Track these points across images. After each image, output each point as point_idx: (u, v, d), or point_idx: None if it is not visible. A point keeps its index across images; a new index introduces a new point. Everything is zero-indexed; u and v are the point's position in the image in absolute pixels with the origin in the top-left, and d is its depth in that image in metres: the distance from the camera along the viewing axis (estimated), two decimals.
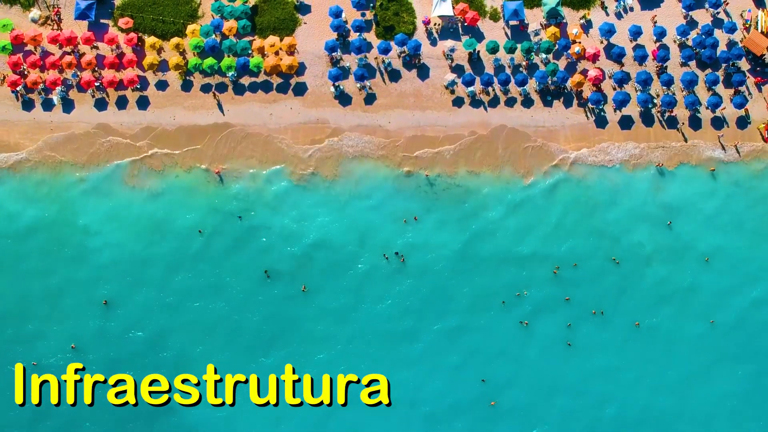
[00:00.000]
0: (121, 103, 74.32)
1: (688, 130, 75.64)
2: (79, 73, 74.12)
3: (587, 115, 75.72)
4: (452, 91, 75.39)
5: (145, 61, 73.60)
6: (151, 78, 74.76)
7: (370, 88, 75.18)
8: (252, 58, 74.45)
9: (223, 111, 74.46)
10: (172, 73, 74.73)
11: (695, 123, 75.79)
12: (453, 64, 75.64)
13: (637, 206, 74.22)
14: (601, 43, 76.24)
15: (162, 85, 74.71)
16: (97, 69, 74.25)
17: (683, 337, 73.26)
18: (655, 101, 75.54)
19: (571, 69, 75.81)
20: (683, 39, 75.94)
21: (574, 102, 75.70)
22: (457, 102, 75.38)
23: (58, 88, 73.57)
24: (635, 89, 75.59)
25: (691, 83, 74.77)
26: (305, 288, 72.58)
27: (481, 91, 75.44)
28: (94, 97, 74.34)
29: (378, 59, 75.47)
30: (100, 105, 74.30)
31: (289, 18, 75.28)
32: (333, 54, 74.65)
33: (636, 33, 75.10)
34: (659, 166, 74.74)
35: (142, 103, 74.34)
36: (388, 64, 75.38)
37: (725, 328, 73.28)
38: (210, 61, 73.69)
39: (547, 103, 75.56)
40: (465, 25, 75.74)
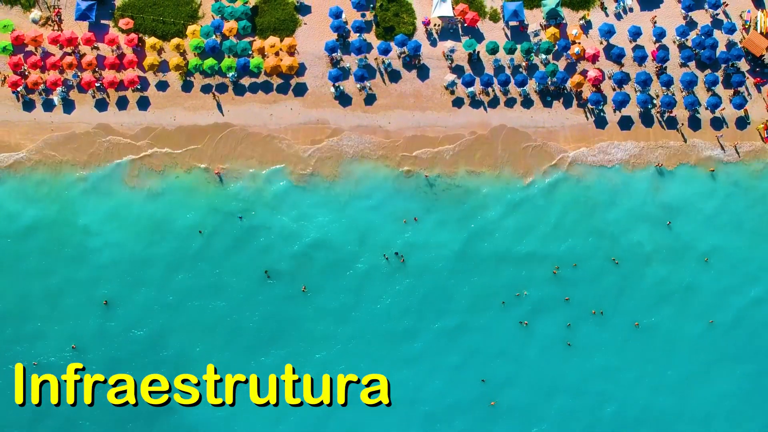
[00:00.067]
0: (122, 104, 74.42)
1: (688, 131, 75.74)
2: (79, 74, 74.22)
3: (587, 116, 75.80)
4: (452, 92, 75.46)
5: (146, 62, 73.71)
6: (152, 78, 74.85)
7: (370, 89, 75.28)
8: (252, 58, 74.55)
9: (223, 111, 74.56)
10: (173, 74, 74.84)
11: (695, 123, 75.88)
12: (453, 65, 75.72)
13: (637, 206, 74.29)
14: (601, 43, 76.31)
15: (162, 86, 74.82)
16: (97, 69, 74.35)
17: (682, 337, 73.40)
18: (655, 102, 75.62)
19: (570, 69, 75.88)
20: (683, 40, 76.05)
21: (574, 102, 75.76)
22: (457, 102, 75.46)
23: (59, 89, 73.67)
24: (635, 90, 75.67)
25: (690, 84, 74.85)
26: (305, 288, 72.70)
27: (481, 92, 75.53)
28: (94, 97, 74.43)
29: (378, 60, 75.57)
30: (101, 105, 74.41)
31: (289, 19, 75.40)
32: (333, 55, 74.76)
33: (635, 34, 75.16)
34: (659, 167, 74.82)
35: (143, 104, 74.45)
36: (388, 65, 75.48)
37: (724, 328, 73.43)
38: (210, 62, 73.80)
39: (547, 104, 75.63)
40: (465, 25, 75.83)
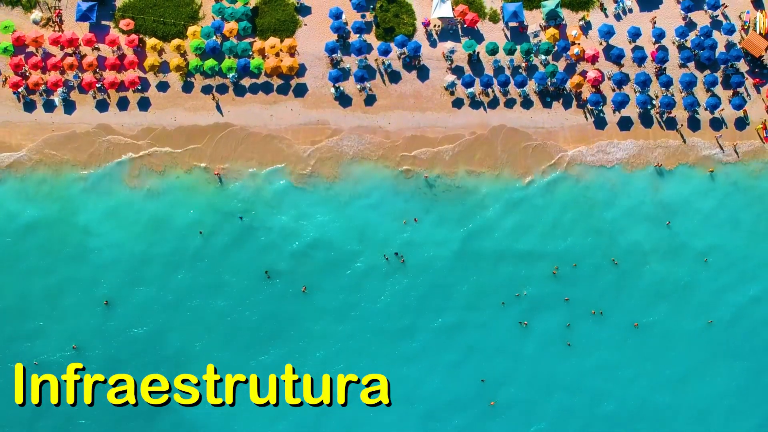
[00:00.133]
0: (122, 105, 74.55)
1: (687, 131, 75.80)
2: (80, 75, 74.35)
3: (586, 116, 75.89)
4: (452, 93, 75.58)
5: (146, 63, 73.86)
6: (152, 79, 74.96)
7: (370, 90, 75.40)
8: (252, 59, 74.67)
9: (223, 112, 74.63)
10: (173, 75, 74.98)
11: (694, 124, 75.96)
12: (453, 66, 75.83)
13: (636, 206, 74.33)
14: (600, 44, 76.42)
15: (163, 87, 74.96)
16: (98, 70, 74.48)
17: (680, 335, 73.43)
18: (654, 102, 75.71)
19: (570, 70, 75.98)
20: (682, 40, 76.16)
21: (574, 103, 75.86)
22: (457, 103, 75.57)
23: (60, 90, 73.80)
24: (634, 90, 75.78)
25: (689, 84, 74.96)
26: (305, 289, 72.79)
27: (481, 93, 75.65)
28: (95, 98, 74.56)
29: (378, 61, 75.71)
30: (102, 106, 74.54)
31: (289, 19, 75.54)
32: (333, 55, 74.88)
33: (635, 34, 75.23)
34: (658, 167, 74.89)
35: (143, 105, 74.57)
36: (388, 66, 75.61)
37: (722, 326, 73.47)
38: (211, 63, 73.94)
39: (547, 105, 75.73)
40: (464, 26, 75.95)
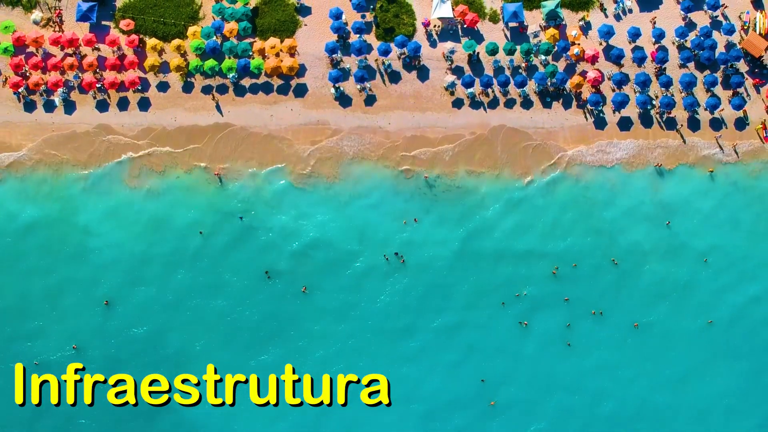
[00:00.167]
0: (123, 105, 74.60)
1: (687, 131, 75.84)
2: (80, 75, 74.41)
3: (586, 117, 75.93)
4: (452, 93, 75.63)
5: (147, 63, 73.91)
6: (152, 79, 75.00)
7: (370, 90, 75.45)
8: (253, 59, 74.72)
9: (223, 112, 74.68)
10: (173, 75, 75.03)
11: (694, 124, 76.00)
12: (453, 66, 75.86)
13: (636, 206, 74.31)
14: (600, 44, 76.45)
15: (163, 87, 75.01)
16: (98, 70, 74.53)
17: (680, 335, 73.45)
18: (654, 102, 75.75)
19: (570, 70, 76.01)
20: (682, 41, 76.20)
21: (573, 103, 75.88)
22: (457, 103, 75.61)
23: (60, 90, 73.86)
24: (634, 91, 75.82)
25: (689, 85, 74.99)
26: (305, 289, 72.81)
27: (481, 93, 75.70)
28: (95, 98, 74.62)
29: (378, 61, 75.77)
30: (102, 106, 74.60)
31: (289, 20, 75.60)
32: (333, 55, 74.92)
33: (635, 35, 75.25)
34: (658, 167, 74.96)
35: (144, 105, 74.63)
36: (388, 66, 75.66)
37: (722, 326, 73.49)
38: (211, 63, 74.00)
39: (547, 105, 75.77)
40: (464, 26, 75.99)
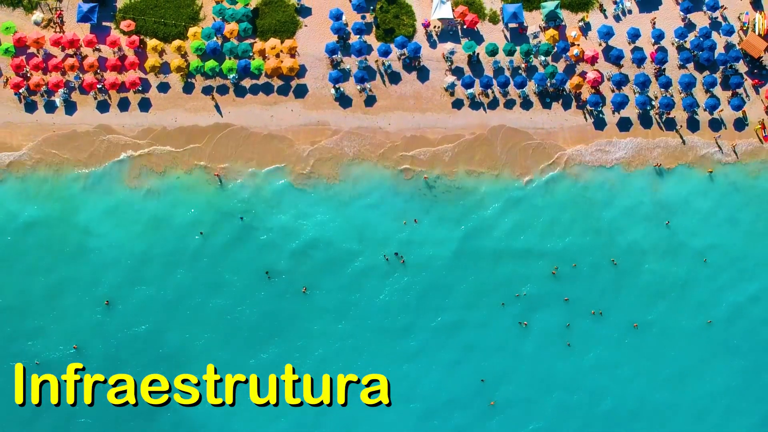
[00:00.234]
0: (123, 105, 74.76)
1: (686, 132, 75.99)
2: (81, 76, 74.58)
3: (586, 117, 76.05)
4: (452, 93, 75.76)
5: (147, 64, 74.07)
6: (153, 80, 75.16)
7: (371, 90, 75.60)
8: (253, 60, 74.88)
9: (224, 113, 74.80)
10: (174, 76, 75.18)
11: (693, 124, 76.13)
12: (452, 67, 76.03)
13: (635, 206, 74.46)
14: (600, 45, 76.60)
15: (164, 88, 75.17)
16: (99, 71, 74.70)
17: (679, 334, 73.52)
18: (654, 103, 75.88)
19: (569, 71, 76.17)
20: (681, 41, 76.35)
21: (573, 104, 76.02)
22: (457, 104, 75.75)
23: (61, 90, 74.04)
24: (633, 91, 75.96)
25: (689, 85, 75.12)
26: (306, 290, 72.87)
27: (481, 93, 75.85)
28: (96, 99, 74.77)
29: (378, 62, 75.94)
30: (102, 107, 74.75)
31: (289, 20, 75.77)
32: (333, 56, 75.06)
33: (634, 35, 75.43)
34: (657, 167, 75.08)
35: (144, 105, 74.79)
36: (388, 67, 75.81)
37: (721, 325, 73.60)
38: (211, 64, 74.16)
39: (546, 105, 75.91)
40: (464, 27, 76.15)
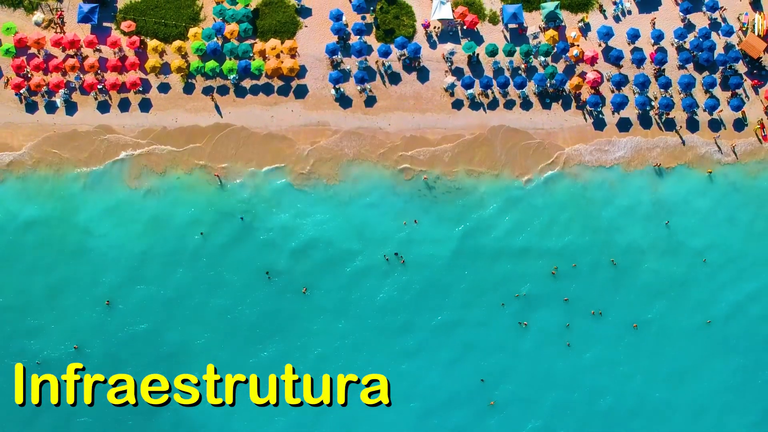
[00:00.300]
0: (124, 106, 74.89)
1: (686, 132, 76.07)
2: (81, 76, 74.72)
3: (585, 118, 76.13)
4: (452, 94, 75.87)
5: (148, 64, 74.18)
6: (153, 81, 75.29)
7: (371, 91, 75.71)
8: (253, 60, 75.01)
9: (224, 113, 74.90)
10: (174, 76, 75.28)
11: (693, 125, 76.21)
12: (452, 67, 76.14)
13: (635, 205, 74.54)
14: (600, 46, 76.71)
15: (164, 88, 75.28)
16: (99, 72, 74.84)
17: (678, 333, 73.62)
18: (653, 103, 75.97)
19: (569, 72, 76.27)
20: (681, 42, 76.46)
21: (573, 104, 76.13)
22: (457, 104, 75.86)
23: (62, 91, 74.16)
24: (633, 92, 76.06)
25: (688, 86, 75.22)
26: (306, 290, 72.94)
27: (480, 94, 75.95)
28: (96, 99, 74.89)
29: (378, 62, 76.06)
30: (103, 107, 74.88)
31: (290, 21, 75.90)
32: (334, 57, 75.16)
33: (634, 36, 75.53)
34: (657, 166, 75.16)
35: (145, 106, 74.91)
36: (389, 67, 75.93)
37: (720, 324, 73.69)
38: (212, 64, 74.28)
39: (546, 106, 76.01)
40: (464, 28, 76.27)
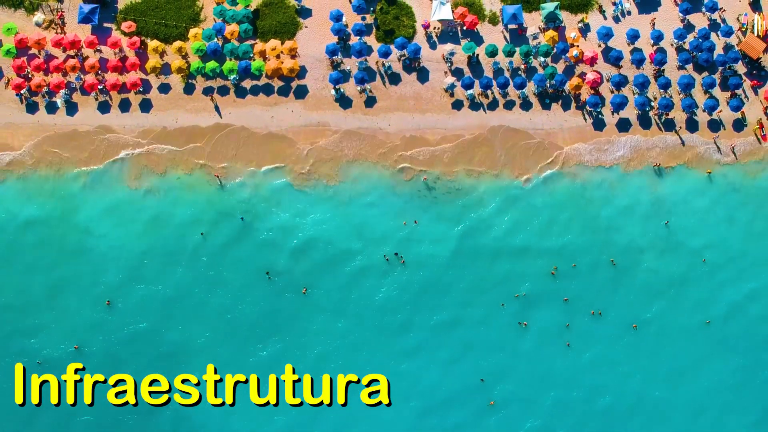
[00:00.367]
0: (124, 106, 74.99)
1: (685, 132, 76.14)
2: (82, 77, 74.83)
3: (585, 118, 76.22)
4: (452, 94, 75.97)
5: (148, 65, 74.28)
6: (154, 81, 75.38)
7: (371, 91, 75.80)
8: (254, 61, 75.10)
9: (224, 114, 74.98)
10: (175, 77, 75.38)
11: (692, 125, 76.30)
12: (452, 68, 76.24)
13: (634, 205, 74.63)
14: (599, 46, 76.81)
15: (164, 88, 75.38)
16: (100, 72, 74.95)
17: (677, 332, 73.74)
18: (653, 104, 76.05)
19: (569, 72, 76.39)
20: (680, 42, 76.57)
21: (572, 105, 76.22)
22: (457, 105, 75.95)
23: (62, 91, 74.27)
24: (633, 92, 76.16)
25: (688, 86, 75.33)
26: (306, 290, 72.99)
27: (480, 94, 76.05)
28: (97, 100, 74.99)
29: (378, 63, 76.17)
30: (103, 108, 74.98)
31: (290, 22, 76.01)
32: (334, 57, 75.27)
33: (633, 36, 75.64)
34: (656, 166, 75.23)
35: (145, 106, 75.00)
36: (389, 68, 76.03)
37: (719, 323, 73.82)
38: (212, 65, 74.38)
39: (546, 106, 76.10)
40: (464, 28, 76.40)
